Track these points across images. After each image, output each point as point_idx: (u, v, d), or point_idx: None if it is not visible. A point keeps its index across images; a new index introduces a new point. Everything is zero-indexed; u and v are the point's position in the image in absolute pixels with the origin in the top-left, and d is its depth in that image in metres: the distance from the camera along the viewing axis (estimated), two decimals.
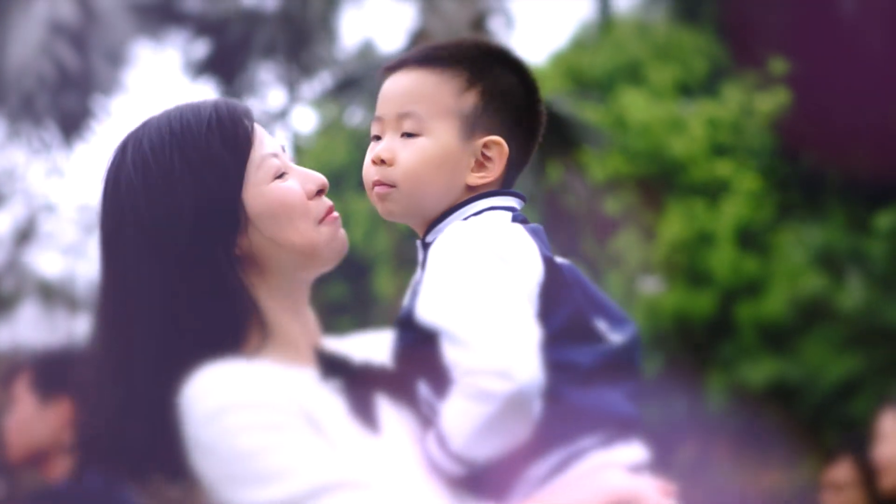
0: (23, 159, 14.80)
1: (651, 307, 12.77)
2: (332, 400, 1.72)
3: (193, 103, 1.81)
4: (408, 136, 1.80)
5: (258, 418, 1.63)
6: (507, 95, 1.83)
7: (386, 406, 1.76)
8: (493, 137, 1.81)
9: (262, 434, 1.62)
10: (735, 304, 12.80)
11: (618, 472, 1.68)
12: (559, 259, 1.77)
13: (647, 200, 13.34)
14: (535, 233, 1.78)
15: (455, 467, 1.65)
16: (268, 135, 1.83)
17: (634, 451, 1.73)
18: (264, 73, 14.93)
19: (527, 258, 1.72)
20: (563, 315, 1.71)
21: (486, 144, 1.81)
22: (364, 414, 1.73)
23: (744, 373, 12.49)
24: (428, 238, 1.81)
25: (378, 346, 1.85)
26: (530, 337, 1.63)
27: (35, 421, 3.47)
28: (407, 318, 1.74)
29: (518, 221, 1.80)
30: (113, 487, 3.45)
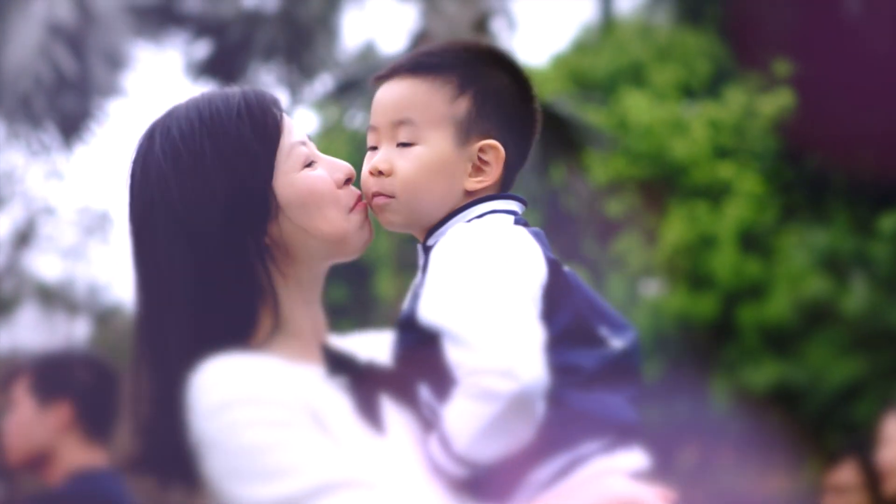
0: (22, 162, 14.81)
1: (653, 310, 12.76)
2: (337, 398, 1.72)
3: (221, 91, 1.81)
4: (403, 145, 1.80)
5: (264, 414, 1.62)
6: (500, 97, 1.82)
7: (390, 406, 1.75)
8: (489, 141, 1.80)
9: (267, 430, 1.62)
10: (738, 307, 12.79)
11: (620, 478, 1.67)
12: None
13: (649, 202, 13.33)
14: (537, 236, 1.78)
15: (458, 469, 1.65)
16: (296, 124, 1.83)
17: (636, 458, 1.72)
18: (265, 74, 14.91)
19: (530, 259, 1.72)
20: (566, 317, 1.71)
21: (482, 149, 1.80)
22: (369, 413, 1.72)
23: (747, 376, 12.47)
24: (429, 242, 1.81)
25: (379, 346, 1.85)
26: (534, 337, 1.62)
27: (34, 424, 3.47)
28: (408, 319, 1.73)
29: (519, 225, 1.79)
30: (112, 489, 3.45)
